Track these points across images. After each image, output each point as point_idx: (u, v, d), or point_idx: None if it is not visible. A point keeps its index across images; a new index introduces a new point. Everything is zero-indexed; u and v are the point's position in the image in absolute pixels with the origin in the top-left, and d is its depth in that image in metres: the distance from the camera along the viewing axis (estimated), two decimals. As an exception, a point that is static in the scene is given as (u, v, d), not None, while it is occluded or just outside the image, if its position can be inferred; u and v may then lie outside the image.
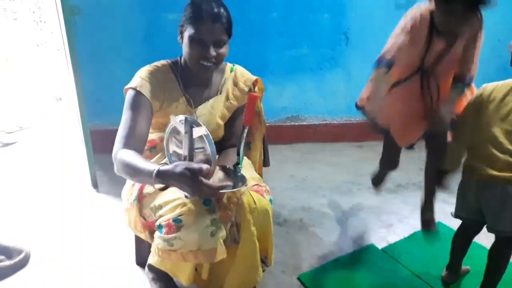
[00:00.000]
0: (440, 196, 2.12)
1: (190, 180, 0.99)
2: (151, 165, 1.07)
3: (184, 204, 1.14)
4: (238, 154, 1.17)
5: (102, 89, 2.37)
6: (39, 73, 5.52)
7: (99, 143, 2.23)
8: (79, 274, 1.53)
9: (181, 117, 1.09)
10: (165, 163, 1.11)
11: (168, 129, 1.16)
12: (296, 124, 2.73)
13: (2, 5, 6.18)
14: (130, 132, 1.21)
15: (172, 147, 1.18)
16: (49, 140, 2.82)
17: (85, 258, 1.62)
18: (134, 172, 1.12)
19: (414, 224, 1.88)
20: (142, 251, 1.51)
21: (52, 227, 1.81)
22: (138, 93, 1.24)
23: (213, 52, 1.20)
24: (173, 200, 1.17)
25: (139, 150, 1.21)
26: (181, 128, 1.09)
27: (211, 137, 1.08)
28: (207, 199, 1.17)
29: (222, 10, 1.20)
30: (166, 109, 1.29)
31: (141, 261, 1.53)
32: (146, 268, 1.46)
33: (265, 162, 2.49)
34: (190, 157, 1.10)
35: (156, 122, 1.32)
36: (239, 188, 1.13)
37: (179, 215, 1.14)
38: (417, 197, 2.13)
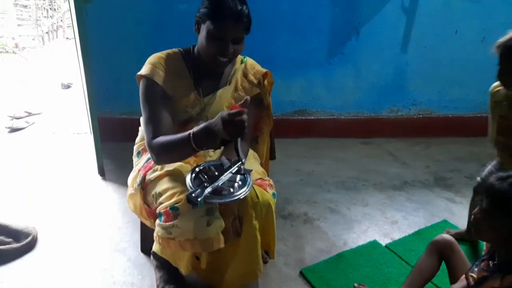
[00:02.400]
0: (445, 195, 2.12)
1: (229, 121, 1.03)
2: (184, 133, 1.13)
3: (181, 192, 1.16)
4: (238, 155, 1.17)
5: (112, 78, 2.38)
6: (48, 60, 5.55)
7: (107, 132, 2.25)
8: (85, 259, 1.56)
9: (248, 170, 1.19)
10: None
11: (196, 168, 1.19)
12: (303, 118, 2.72)
13: (14, -8, 6.17)
14: (155, 125, 1.22)
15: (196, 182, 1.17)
16: (57, 127, 2.85)
17: (90, 244, 1.64)
18: (173, 146, 1.16)
19: (418, 221, 1.88)
20: (147, 238, 1.52)
21: (59, 212, 1.83)
22: (151, 82, 1.25)
23: (231, 49, 1.21)
24: (172, 187, 1.18)
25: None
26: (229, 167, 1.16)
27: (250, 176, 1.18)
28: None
29: (244, 8, 1.20)
30: (176, 97, 1.29)
31: (146, 248, 1.55)
32: (151, 255, 1.48)
33: (272, 156, 2.50)
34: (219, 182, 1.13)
35: None
36: (246, 194, 1.15)
37: (176, 203, 1.15)
38: (423, 195, 2.14)
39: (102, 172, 2.14)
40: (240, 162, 1.18)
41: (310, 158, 2.49)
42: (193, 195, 1.05)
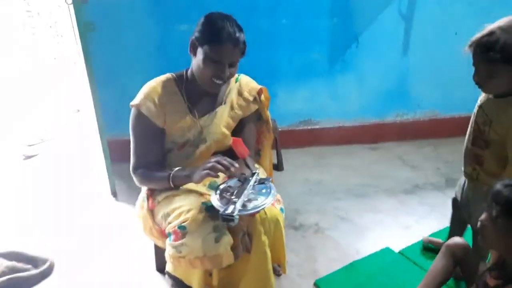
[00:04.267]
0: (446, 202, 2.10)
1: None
2: (164, 173, 1.29)
3: (188, 211, 1.19)
4: (250, 169, 1.28)
5: (118, 100, 2.41)
6: (57, 85, 5.66)
7: (117, 153, 2.29)
8: (102, 281, 1.58)
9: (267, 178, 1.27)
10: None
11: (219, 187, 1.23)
12: (309, 128, 2.74)
13: (21, 21, 6.40)
14: (137, 156, 1.35)
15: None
16: (69, 151, 2.91)
17: (107, 266, 1.67)
18: (153, 182, 1.33)
19: (432, 224, 1.87)
20: (161, 257, 1.54)
21: (74, 236, 1.87)
22: (139, 113, 1.31)
23: (227, 72, 1.25)
24: (179, 207, 1.22)
25: (155, 165, 1.33)
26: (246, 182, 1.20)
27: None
28: (210, 206, 1.19)
29: (241, 34, 1.24)
30: (171, 122, 1.33)
31: (161, 267, 1.57)
32: (166, 274, 1.49)
33: (279, 167, 2.52)
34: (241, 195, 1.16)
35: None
36: (272, 202, 1.19)
37: (183, 222, 1.18)
38: (435, 197, 2.12)
39: (114, 193, 2.18)
40: (256, 174, 1.24)
41: (318, 167, 2.50)
42: (227, 212, 1.08)
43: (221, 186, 1.23)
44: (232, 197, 1.14)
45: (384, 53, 2.59)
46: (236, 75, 1.45)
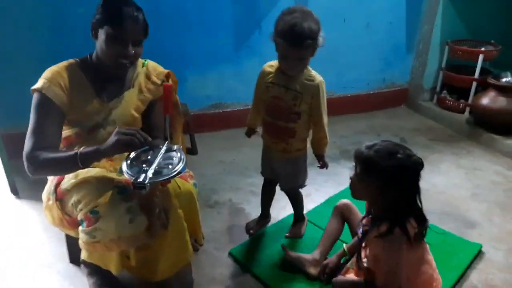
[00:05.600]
0: (349, 165, 2.42)
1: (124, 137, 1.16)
2: (71, 152, 1.21)
3: (99, 196, 1.21)
4: (165, 134, 1.27)
5: (11, 91, 2.23)
6: None
7: (14, 148, 2.12)
8: (14, 281, 1.51)
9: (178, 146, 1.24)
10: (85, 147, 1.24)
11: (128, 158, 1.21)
12: (221, 111, 2.84)
13: None
14: (39, 137, 1.24)
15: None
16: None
17: (17, 265, 1.59)
18: (57, 163, 1.22)
19: (328, 191, 2.14)
20: (74, 248, 1.52)
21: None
22: (43, 96, 1.26)
23: (131, 50, 1.27)
24: (89, 193, 1.22)
25: (52, 150, 1.25)
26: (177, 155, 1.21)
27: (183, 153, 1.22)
28: (122, 189, 1.23)
29: (139, 12, 1.27)
30: (77, 107, 1.32)
31: (75, 258, 1.56)
32: (81, 264, 1.49)
33: (194, 151, 2.59)
34: (152, 162, 1.17)
35: (70, 119, 1.34)
36: (186, 170, 1.25)
37: (95, 207, 1.20)
38: (331, 168, 2.38)
39: (15, 191, 2.03)
40: (167, 141, 1.26)
41: (230, 149, 2.63)
42: (139, 180, 1.09)
43: (132, 155, 1.21)
44: (143, 165, 1.15)
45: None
46: (143, 60, 1.48)
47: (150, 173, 1.12)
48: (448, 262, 1.63)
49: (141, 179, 1.09)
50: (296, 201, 1.80)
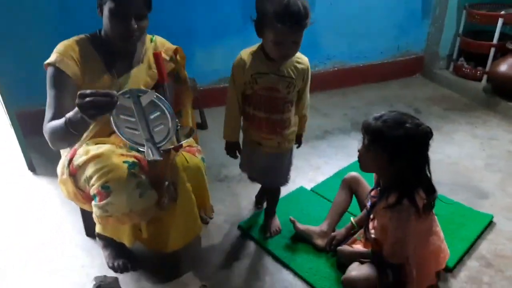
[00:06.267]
0: (360, 137, 2.39)
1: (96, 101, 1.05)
2: (62, 119, 1.18)
3: (110, 171, 1.24)
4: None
5: (23, 68, 2.26)
6: None
7: (30, 126, 2.17)
8: (33, 252, 1.59)
9: (123, 91, 1.13)
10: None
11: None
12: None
13: None
14: (57, 111, 1.27)
15: (123, 124, 1.16)
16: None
17: (36, 238, 1.66)
18: (56, 133, 1.22)
19: (338, 163, 2.13)
20: (89, 222, 1.58)
21: (-7, 214, 1.81)
22: (57, 70, 1.27)
23: (134, 24, 1.26)
24: (101, 168, 1.25)
25: None
26: (128, 102, 1.12)
27: (161, 97, 1.15)
28: (132, 164, 1.26)
29: None
30: (89, 82, 1.33)
31: (90, 232, 1.62)
32: (96, 237, 1.55)
33: (203, 126, 2.60)
34: (149, 131, 1.14)
35: None
36: (181, 143, 1.22)
37: (106, 182, 1.23)
38: (341, 140, 2.39)
39: (32, 168, 2.10)
40: (135, 96, 1.13)
41: (240, 122, 2.62)
42: (151, 159, 1.12)
43: (112, 122, 1.14)
44: (136, 132, 1.14)
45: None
46: (151, 35, 1.48)
47: (154, 148, 1.13)
48: (458, 232, 1.63)
49: (153, 157, 1.12)
50: (277, 197, 1.69)
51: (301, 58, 1.39)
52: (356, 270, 1.33)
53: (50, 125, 1.26)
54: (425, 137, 1.20)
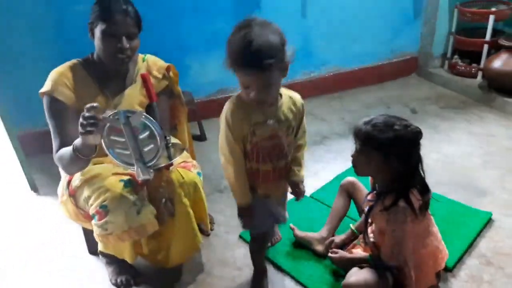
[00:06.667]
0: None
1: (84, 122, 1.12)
2: (70, 147, 1.25)
3: (107, 190, 1.27)
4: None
5: (23, 90, 2.30)
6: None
7: (31, 146, 2.22)
8: (37, 271, 1.61)
9: (111, 112, 1.16)
10: None
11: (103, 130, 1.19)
12: (226, 96, 2.85)
13: None
14: (62, 140, 1.33)
15: (114, 144, 1.21)
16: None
17: (38, 260, 1.69)
18: (67, 159, 1.28)
19: (336, 168, 2.14)
20: (91, 240, 1.61)
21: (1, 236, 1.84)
22: (53, 99, 1.32)
23: (126, 44, 1.30)
24: (98, 188, 1.28)
25: None
26: (118, 123, 1.15)
27: (150, 117, 1.18)
28: (128, 182, 1.29)
29: (128, 5, 1.31)
30: (84, 105, 1.35)
31: (93, 249, 1.65)
32: (99, 254, 1.58)
33: (202, 137, 2.63)
34: (139, 151, 1.19)
35: None
36: (171, 162, 1.26)
37: (104, 201, 1.26)
38: (339, 145, 2.41)
39: (35, 188, 2.14)
40: (125, 117, 1.14)
41: (238, 132, 2.65)
42: (141, 179, 1.18)
43: (103, 142, 1.20)
44: (126, 152, 1.18)
45: (286, 17, 2.73)
46: (142, 55, 1.51)
47: (143, 167, 1.19)
48: (456, 231, 1.64)
49: (144, 177, 1.17)
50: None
51: (294, 97, 1.25)
52: (355, 275, 1.34)
53: (59, 154, 1.32)
54: (414, 137, 1.23)
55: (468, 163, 2.16)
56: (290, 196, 1.41)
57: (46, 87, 1.33)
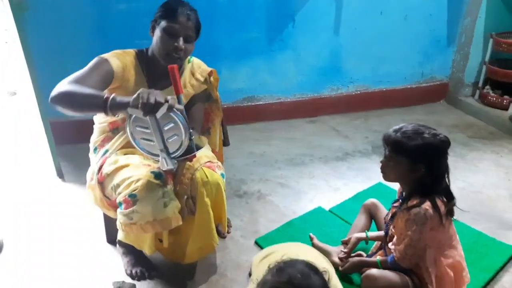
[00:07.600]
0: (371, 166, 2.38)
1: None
2: (101, 93, 1.22)
3: (137, 180, 1.29)
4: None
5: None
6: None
7: (60, 135, 2.29)
8: (54, 259, 1.64)
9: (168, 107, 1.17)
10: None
11: (128, 120, 1.23)
12: (253, 104, 2.89)
13: None
14: (79, 78, 1.28)
15: (139, 135, 1.24)
16: (7, 135, 2.82)
17: (58, 244, 1.72)
18: (82, 97, 1.21)
19: (357, 186, 2.12)
20: (111, 229, 1.64)
21: (22, 217, 1.89)
22: (102, 59, 1.37)
23: (182, 44, 1.36)
24: (129, 177, 1.31)
25: None
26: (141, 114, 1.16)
27: (175, 109, 1.19)
28: (158, 174, 1.31)
29: (193, 12, 1.39)
30: (128, 89, 1.41)
31: (111, 239, 1.67)
32: (117, 244, 1.60)
33: (225, 142, 2.65)
34: (164, 142, 1.22)
35: None
36: (194, 153, 1.29)
37: (134, 190, 1.28)
38: (361, 163, 2.39)
39: (61, 175, 2.20)
40: (154, 117, 1.16)
41: (261, 141, 2.67)
42: (166, 168, 1.23)
43: (141, 146, 1.26)
44: (151, 143, 1.22)
45: (318, 32, 2.77)
46: (189, 57, 1.56)
47: (168, 158, 1.23)
48: (479, 262, 1.59)
49: (169, 167, 1.21)
50: None
51: None
52: (373, 270, 1.37)
53: (76, 86, 1.22)
54: (442, 145, 1.27)
55: (494, 194, 2.10)
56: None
57: (106, 55, 1.39)
